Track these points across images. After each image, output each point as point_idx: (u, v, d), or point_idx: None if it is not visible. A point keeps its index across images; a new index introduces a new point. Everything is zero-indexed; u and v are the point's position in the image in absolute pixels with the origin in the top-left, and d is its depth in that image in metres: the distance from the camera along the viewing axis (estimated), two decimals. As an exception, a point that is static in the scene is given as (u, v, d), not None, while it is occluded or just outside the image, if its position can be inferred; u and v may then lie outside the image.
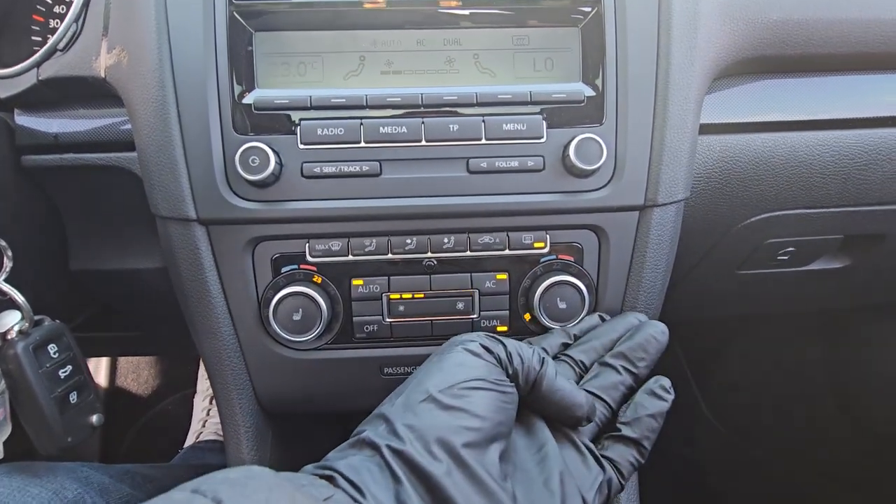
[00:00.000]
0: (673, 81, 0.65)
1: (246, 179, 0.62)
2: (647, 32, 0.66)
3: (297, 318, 0.66)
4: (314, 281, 0.67)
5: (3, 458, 0.65)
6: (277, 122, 0.63)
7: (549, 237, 0.68)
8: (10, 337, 0.63)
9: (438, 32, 0.65)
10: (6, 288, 0.63)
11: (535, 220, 0.67)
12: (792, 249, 0.84)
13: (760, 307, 1.11)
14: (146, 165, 0.65)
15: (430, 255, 0.68)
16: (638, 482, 0.78)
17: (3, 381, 0.64)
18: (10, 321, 0.63)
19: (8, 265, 0.63)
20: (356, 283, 0.68)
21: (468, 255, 0.68)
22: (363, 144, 0.64)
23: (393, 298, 0.68)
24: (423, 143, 0.64)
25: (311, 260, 0.67)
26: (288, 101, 0.63)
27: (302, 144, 0.63)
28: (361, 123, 0.63)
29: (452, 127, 0.64)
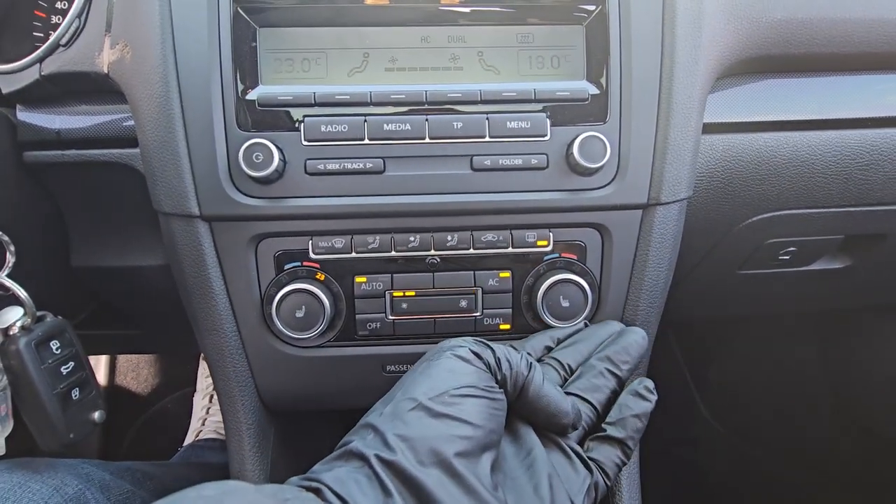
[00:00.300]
0: (677, 80, 0.65)
1: (249, 176, 0.62)
2: (651, 31, 0.66)
3: (299, 315, 0.66)
4: (317, 278, 0.67)
5: (4, 454, 0.65)
6: (281, 118, 0.63)
7: (552, 235, 0.68)
8: (12, 333, 0.63)
9: (443, 30, 0.65)
10: (8, 283, 0.63)
11: (538, 217, 0.67)
12: (793, 249, 0.84)
13: (761, 307, 1.11)
14: (149, 162, 0.65)
15: (433, 252, 0.68)
16: (640, 483, 0.78)
17: (5, 377, 0.64)
18: (12, 317, 0.63)
19: (11, 260, 0.63)
20: (359, 280, 0.68)
21: (471, 252, 0.68)
22: (367, 141, 0.64)
23: (396, 296, 0.68)
24: (426, 140, 0.64)
25: (314, 257, 0.67)
26: (292, 97, 0.63)
27: (306, 141, 0.63)
28: (365, 120, 0.63)
29: (456, 124, 0.64)
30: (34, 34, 0.77)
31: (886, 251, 0.87)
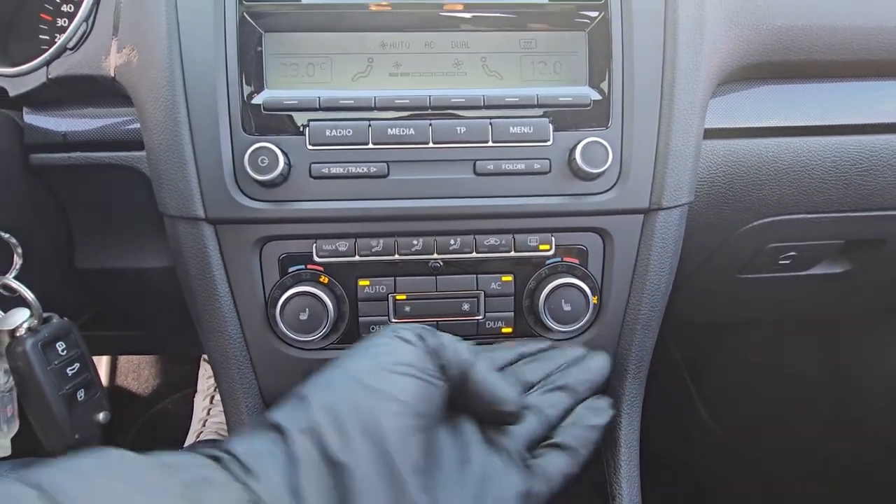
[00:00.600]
0: (679, 86, 0.66)
1: (255, 179, 0.62)
2: (653, 37, 0.66)
3: (303, 317, 0.66)
4: (321, 281, 0.68)
5: (10, 454, 0.66)
6: (286, 122, 0.64)
7: (554, 239, 0.69)
8: (19, 334, 0.63)
9: (447, 35, 0.66)
10: (15, 285, 0.63)
11: (540, 222, 0.68)
12: (793, 254, 0.85)
13: (761, 311, 1.12)
14: (155, 164, 0.65)
15: (436, 256, 0.68)
16: (639, 485, 0.79)
17: (11, 378, 0.64)
18: (19, 318, 0.63)
19: (18, 262, 0.64)
20: (362, 283, 0.68)
21: (474, 256, 0.68)
22: (371, 146, 0.64)
23: (399, 299, 0.69)
24: (430, 144, 0.65)
25: (317, 260, 0.67)
26: (297, 101, 0.64)
27: (310, 145, 0.64)
28: (370, 125, 0.64)
29: (460, 129, 0.65)
30: (40, 37, 0.78)
31: (886, 256, 0.87)
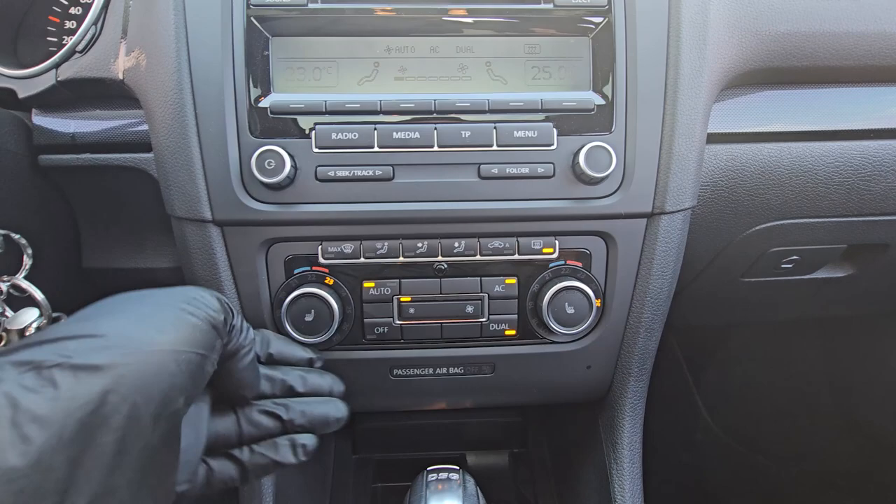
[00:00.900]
0: (682, 91, 0.66)
1: (261, 182, 0.63)
2: (656, 43, 0.67)
3: (309, 318, 0.67)
4: (326, 283, 0.68)
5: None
6: (293, 125, 0.65)
7: (557, 243, 0.69)
8: (28, 333, 0.64)
9: (452, 40, 0.66)
10: (25, 285, 0.64)
11: (544, 225, 0.69)
12: (796, 258, 0.85)
13: (764, 315, 1.12)
14: (163, 166, 0.66)
15: (440, 258, 0.69)
16: (642, 487, 0.79)
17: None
18: (28, 318, 0.64)
19: (28, 263, 0.64)
20: (367, 285, 0.69)
21: (478, 259, 0.69)
22: (377, 149, 0.65)
23: (403, 301, 0.69)
24: (435, 148, 0.65)
25: (323, 262, 0.68)
26: (303, 105, 0.64)
27: (317, 148, 0.64)
28: (375, 128, 0.65)
29: (464, 133, 0.65)
30: (48, 39, 0.78)
31: (888, 260, 0.87)
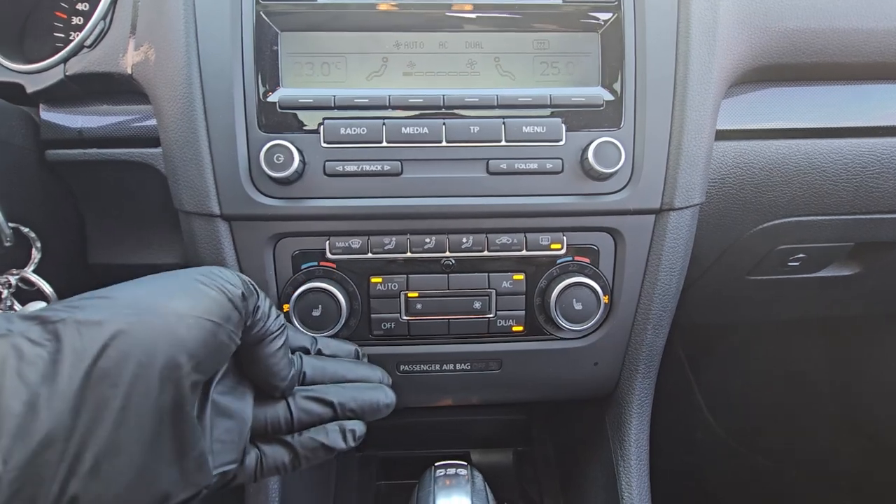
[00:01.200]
0: (691, 87, 0.66)
1: (270, 176, 0.63)
2: (666, 39, 0.67)
3: (316, 313, 0.67)
4: (333, 278, 0.68)
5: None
6: (301, 120, 0.64)
7: (565, 239, 0.69)
8: (35, 327, 0.64)
9: (460, 35, 0.66)
10: (34, 278, 0.64)
11: (552, 221, 0.68)
12: (803, 256, 0.85)
13: (769, 313, 1.12)
14: (171, 161, 0.66)
15: (448, 254, 0.69)
16: (649, 487, 0.79)
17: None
18: (36, 312, 0.64)
19: (36, 256, 0.64)
20: (375, 280, 0.69)
21: (486, 254, 0.69)
22: (385, 144, 0.65)
23: (411, 297, 0.69)
24: (443, 143, 0.65)
25: (330, 257, 0.68)
26: (312, 100, 0.64)
27: (325, 143, 0.64)
28: (384, 123, 0.64)
29: (473, 128, 0.65)
30: (55, 35, 0.78)
31: (895, 259, 0.87)
